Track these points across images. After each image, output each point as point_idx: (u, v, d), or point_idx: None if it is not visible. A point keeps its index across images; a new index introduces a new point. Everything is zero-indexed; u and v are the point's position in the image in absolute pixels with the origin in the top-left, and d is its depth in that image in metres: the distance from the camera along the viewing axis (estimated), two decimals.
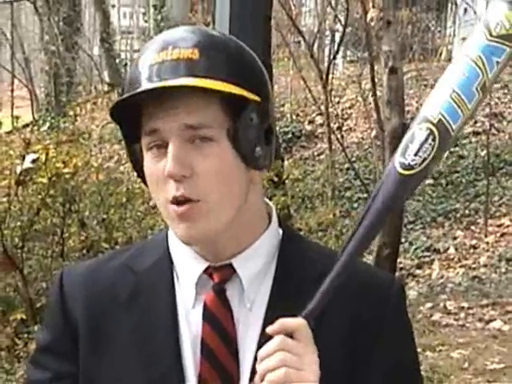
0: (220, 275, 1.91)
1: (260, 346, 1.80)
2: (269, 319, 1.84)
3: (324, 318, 1.82)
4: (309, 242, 2.23)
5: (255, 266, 1.93)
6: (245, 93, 1.81)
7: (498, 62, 1.83)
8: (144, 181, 1.90)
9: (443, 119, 1.82)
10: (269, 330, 1.75)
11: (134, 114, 1.83)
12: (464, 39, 27.04)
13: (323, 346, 1.78)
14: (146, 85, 1.79)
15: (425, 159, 1.82)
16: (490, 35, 1.82)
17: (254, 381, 1.75)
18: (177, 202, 1.81)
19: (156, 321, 1.93)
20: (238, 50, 1.90)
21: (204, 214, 1.81)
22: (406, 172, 1.82)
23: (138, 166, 1.89)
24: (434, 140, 1.82)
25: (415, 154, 1.82)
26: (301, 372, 1.70)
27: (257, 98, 1.83)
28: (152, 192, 1.88)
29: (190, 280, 1.93)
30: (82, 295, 1.98)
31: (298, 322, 1.75)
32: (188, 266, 1.94)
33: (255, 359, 1.80)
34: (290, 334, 1.74)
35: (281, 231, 2.00)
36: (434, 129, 1.82)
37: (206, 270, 1.92)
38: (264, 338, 1.78)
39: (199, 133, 1.79)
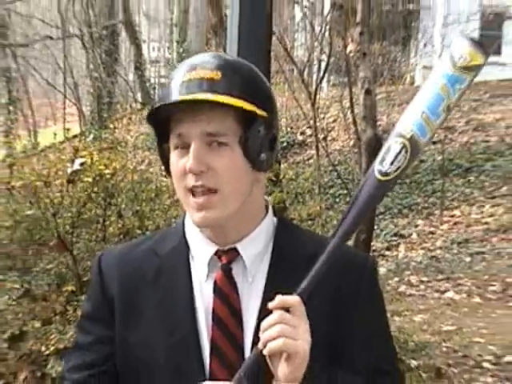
0: (227, 257, 1.93)
1: (260, 315, 1.84)
2: (267, 291, 1.89)
3: (312, 292, 1.82)
4: (300, 228, 2.25)
5: (255, 249, 1.95)
6: (255, 109, 1.85)
7: (459, 89, 1.87)
8: (169, 173, 1.92)
9: (414, 135, 1.86)
10: (270, 305, 1.76)
11: (165, 120, 1.88)
12: (424, 67, 27.06)
13: (312, 317, 1.79)
14: (177, 97, 1.82)
15: (399, 167, 1.88)
16: (454, 67, 1.85)
17: (257, 347, 1.76)
18: (195, 192, 1.84)
19: (176, 296, 1.94)
20: (251, 72, 1.95)
21: (217, 204, 1.85)
22: (383, 178, 1.87)
23: (165, 162, 1.94)
24: (406, 152, 1.87)
25: (391, 163, 1.87)
26: (296, 341, 1.73)
27: (264, 114, 1.87)
28: (175, 183, 1.90)
29: (203, 261, 1.95)
30: (116, 274, 2.00)
31: (294, 299, 1.77)
32: (201, 250, 1.96)
33: (257, 325, 1.84)
34: (287, 309, 1.75)
35: (276, 220, 2.02)
36: (406, 143, 1.86)
37: (215, 253, 1.94)
38: (264, 309, 1.80)
39: (216, 139, 1.83)
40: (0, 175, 6.37)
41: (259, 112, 1.86)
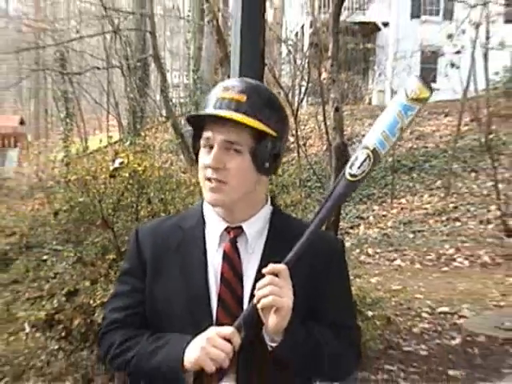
0: (234, 232, 1.97)
1: (257, 277, 1.87)
2: (263, 260, 1.92)
3: (294, 266, 1.86)
4: (290, 216, 2.31)
5: (256, 228, 1.98)
6: (266, 129, 1.90)
7: (411, 115, 1.96)
8: (197, 161, 1.98)
9: (376, 148, 1.96)
10: (264, 271, 1.82)
11: (200, 124, 1.94)
12: (379, 91, 27.04)
13: (293, 284, 1.83)
14: (211, 110, 1.91)
15: (364, 171, 1.96)
16: (407, 98, 1.96)
17: (253, 302, 1.81)
18: (211, 179, 1.91)
19: (193, 261, 1.96)
20: (270, 98, 1.98)
21: (224, 191, 1.91)
22: (352, 179, 1.96)
23: (196, 153, 2.00)
24: (369, 160, 1.96)
25: (358, 168, 1.96)
26: (282, 298, 1.78)
27: (274, 133, 1.92)
28: (199, 170, 1.96)
29: (216, 234, 1.98)
30: (149, 243, 2.02)
31: (281, 267, 1.82)
32: (215, 226, 1.99)
33: (253, 285, 1.86)
34: (276, 274, 1.80)
35: (271, 208, 2.04)
36: (370, 153, 1.96)
37: (225, 229, 1.97)
38: (260, 273, 1.84)
39: (233, 146, 1.89)
40: (60, 171, 6.36)
41: (270, 131, 1.90)
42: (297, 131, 14.75)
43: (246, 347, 1.84)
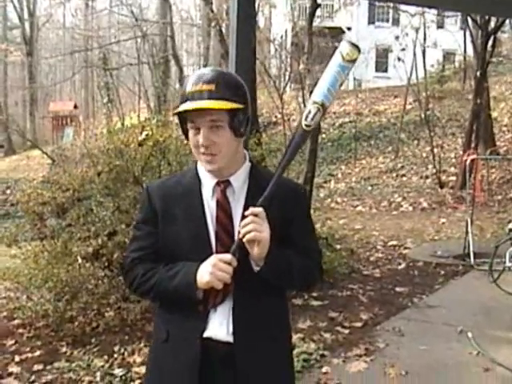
0: (224, 185, 1.91)
1: (242, 217, 1.82)
2: (246, 204, 1.87)
3: (267, 208, 1.83)
4: (265, 168, 2.29)
5: (240, 180, 1.93)
6: (236, 105, 1.83)
7: (347, 72, 1.90)
8: (187, 138, 1.91)
9: (323, 101, 1.88)
10: (246, 213, 1.79)
11: (184, 114, 1.86)
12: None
13: (268, 218, 1.81)
14: (188, 104, 1.83)
15: (315, 121, 1.89)
16: (343, 59, 1.88)
17: (239, 237, 1.79)
18: (205, 153, 1.85)
19: (193, 208, 1.92)
20: (234, 80, 1.90)
21: (218, 160, 1.86)
22: (307, 128, 1.88)
23: (185, 133, 1.91)
24: (319, 111, 1.88)
25: (311, 120, 1.88)
26: (262, 233, 1.77)
27: (242, 106, 1.85)
28: (192, 148, 1.91)
29: (209, 187, 1.93)
30: (158, 195, 1.97)
31: (259, 209, 1.79)
32: (208, 181, 1.93)
33: (240, 224, 1.82)
34: (255, 214, 1.78)
35: (250, 164, 1.98)
36: (320, 107, 1.88)
37: (217, 183, 1.92)
38: (244, 215, 1.81)
39: (215, 124, 1.83)
40: (101, 143, 6.30)
41: (239, 106, 1.84)
42: (282, 109, 14.63)
43: (238, 272, 1.81)
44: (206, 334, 1.88)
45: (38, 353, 4.60)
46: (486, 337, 4.86)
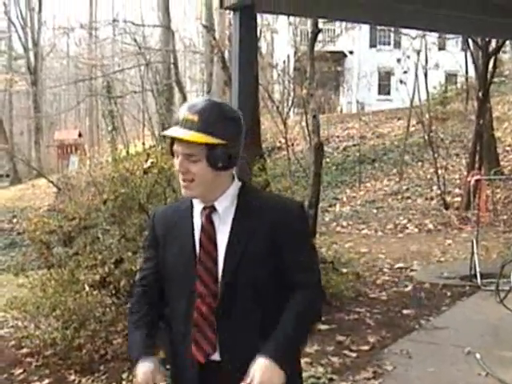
0: (209, 210, 1.96)
1: (229, 241, 1.92)
2: (233, 229, 1.94)
3: (256, 225, 1.90)
4: (258, 189, 2.30)
5: (225, 203, 1.96)
6: (216, 140, 1.86)
7: None
8: None
9: None
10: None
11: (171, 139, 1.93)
12: (348, 102, 26.88)
13: (256, 239, 1.90)
14: (170, 130, 1.90)
15: None
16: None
17: None
18: (183, 179, 1.91)
19: (184, 234, 2.00)
20: (220, 114, 1.91)
21: (193, 187, 1.92)
22: None
23: (173, 157, 1.96)
24: None
25: None
26: None
27: (223, 142, 1.86)
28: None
29: (197, 212, 1.99)
30: (161, 222, 2.08)
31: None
32: (197, 206, 1.99)
33: (227, 247, 1.92)
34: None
35: (240, 184, 2.00)
36: None
37: (203, 208, 1.97)
38: (231, 237, 1.92)
39: (191, 158, 1.88)
40: (107, 171, 6.37)
41: (217, 141, 1.86)
42: (286, 134, 14.73)
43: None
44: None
45: (46, 381, 4.63)
46: (494, 357, 4.85)
